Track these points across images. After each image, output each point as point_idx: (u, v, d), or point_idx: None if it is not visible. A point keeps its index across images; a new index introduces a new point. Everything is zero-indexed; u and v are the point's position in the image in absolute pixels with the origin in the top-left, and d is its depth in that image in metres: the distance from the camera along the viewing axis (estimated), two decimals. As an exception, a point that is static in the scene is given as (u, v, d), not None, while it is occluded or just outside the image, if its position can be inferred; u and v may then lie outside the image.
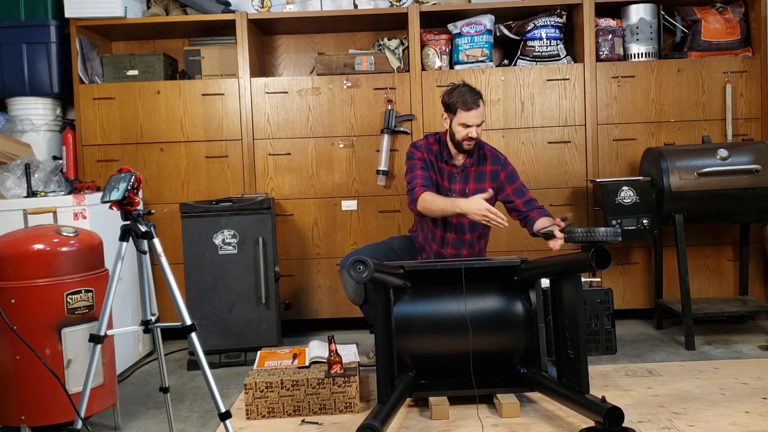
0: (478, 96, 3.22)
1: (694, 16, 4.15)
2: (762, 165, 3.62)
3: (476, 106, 3.19)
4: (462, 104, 3.19)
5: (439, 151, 3.35)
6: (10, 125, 3.96)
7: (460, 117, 3.20)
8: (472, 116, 3.18)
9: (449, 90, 3.29)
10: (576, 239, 2.51)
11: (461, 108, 3.19)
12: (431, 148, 3.36)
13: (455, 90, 3.25)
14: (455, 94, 3.23)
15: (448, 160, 3.33)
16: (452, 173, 3.33)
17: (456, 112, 3.21)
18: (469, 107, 3.18)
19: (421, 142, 3.40)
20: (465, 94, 3.20)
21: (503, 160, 3.38)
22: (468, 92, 3.21)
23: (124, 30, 4.20)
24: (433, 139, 3.39)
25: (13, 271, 2.54)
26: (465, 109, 3.18)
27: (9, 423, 2.58)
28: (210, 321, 3.56)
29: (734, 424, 2.56)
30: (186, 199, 4.02)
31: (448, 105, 3.25)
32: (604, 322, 3.46)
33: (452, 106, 3.22)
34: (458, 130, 3.22)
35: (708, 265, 4.12)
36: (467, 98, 3.18)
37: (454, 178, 3.33)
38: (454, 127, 3.24)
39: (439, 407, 2.72)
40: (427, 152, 3.35)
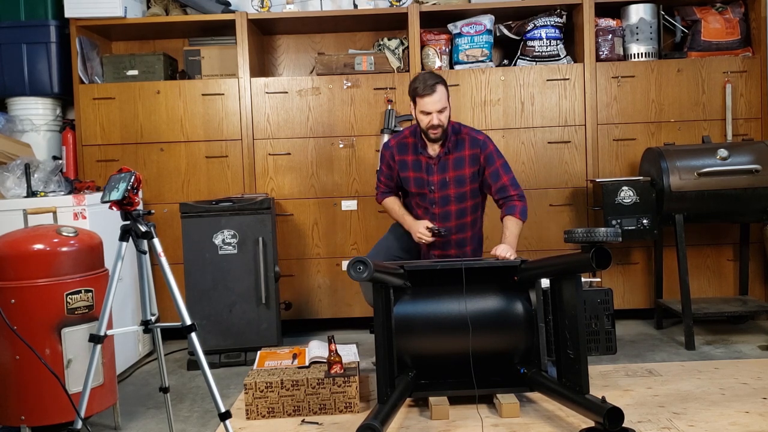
0: (435, 81, 3.10)
1: (694, 16, 4.15)
2: (762, 165, 3.62)
3: (431, 92, 3.07)
4: (418, 91, 3.09)
5: (414, 144, 3.28)
6: (10, 125, 3.96)
7: (419, 105, 3.12)
8: (429, 102, 3.08)
9: (412, 79, 3.23)
10: (576, 239, 2.51)
11: (417, 95, 3.10)
12: (405, 142, 3.30)
13: (415, 78, 3.18)
14: (414, 82, 3.15)
15: (423, 152, 3.25)
16: (429, 164, 3.25)
17: (415, 101, 3.13)
18: (424, 93, 3.08)
19: (392, 142, 3.35)
20: (421, 81, 3.11)
21: (482, 141, 3.24)
22: (426, 78, 3.12)
23: (124, 30, 4.20)
24: (408, 132, 3.33)
25: (13, 271, 2.54)
26: (420, 96, 3.09)
27: (9, 423, 2.58)
28: (210, 321, 3.56)
29: (734, 424, 2.56)
30: (186, 199, 4.02)
31: (410, 95, 3.18)
32: (604, 322, 3.46)
33: (411, 94, 3.15)
34: (421, 118, 3.14)
35: (708, 265, 4.12)
36: (423, 84, 3.08)
37: (431, 169, 3.25)
38: (418, 117, 3.16)
39: (439, 407, 2.72)
40: (399, 151, 3.30)
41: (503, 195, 3.22)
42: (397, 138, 3.37)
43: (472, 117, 4.05)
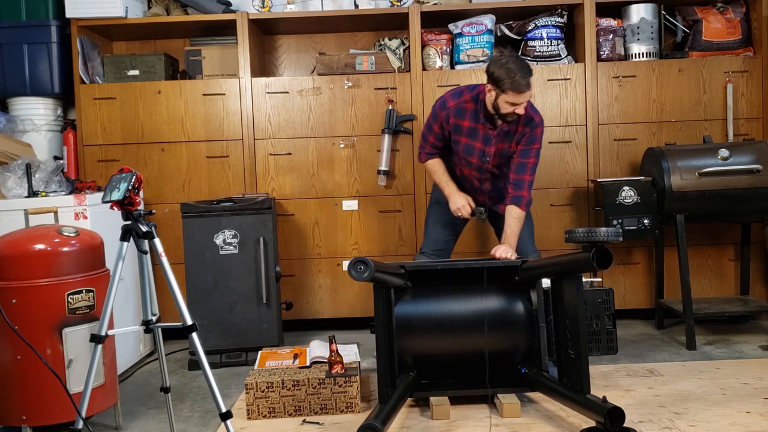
0: (529, 75, 2.98)
1: (695, 16, 4.14)
2: (763, 165, 3.61)
3: (528, 89, 2.97)
4: (512, 86, 2.95)
5: (474, 111, 3.16)
6: (11, 125, 3.96)
7: (508, 96, 2.98)
8: (522, 97, 2.98)
9: (497, 61, 3.02)
10: (577, 239, 2.51)
11: (510, 89, 2.96)
12: (464, 107, 3.18)
13: (504, 65, 2.97)
14: (504, 70, 2.96)
15: (485, 122, 3.15)
16: (488, 135, 3.17)
17: (504, 91, 2.98)
18: (520, 90, 2.96)
19: (451, 103, 3.20)
20: (516, 74, 2.94)
21: (536, 123, 3.16)
22: (518, 71, 2.95)
23: (125, 30, 4.20)
24: (470, 96, 3.18)
25: (14, 271, 2.54)
26: (514, 91, 2.96)
27: (10, 423, 2.58)
28: (211, 321, 3.56)
29: (735, 424, 2.56)
30: (187, 199, 4.02)
31: (495, 79, 2.99)
32: (605, 322, 3.46)
33: (500, 84, 2.98)
34: (504, 106, 3.02)
35: (709, 265, 4.11)
36: (518, 79, 2.94)
37: (490, 140, 3.18)
38: (500, 103, 3.03)
39: (440, 407, 2.72)
40: (456, 114, 3.18)
41: (517, 189, 3.19)
42: (456, 99, 3.21)
43: (473, 117, 4.05)
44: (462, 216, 3.27)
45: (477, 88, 3.20)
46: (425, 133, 3.39)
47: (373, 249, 4.09)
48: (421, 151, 3.43)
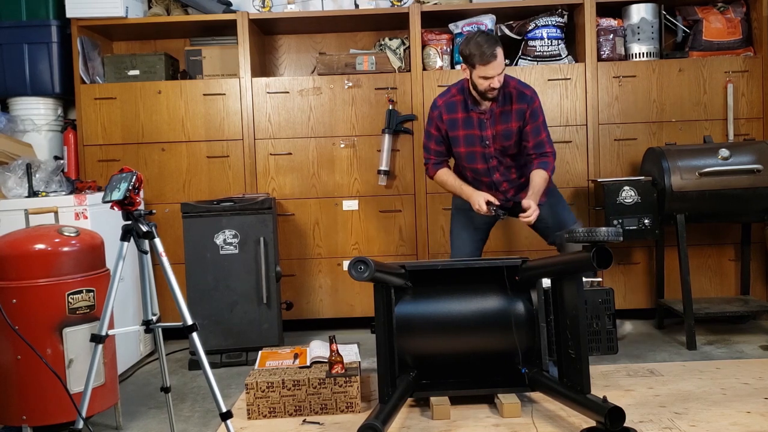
0: (494, 45, 3.06)
1: (695, 16, 4.14)
2: (763, 165, 3.61)
3: (494, 59, 3.05)
4: (479, 58, 3.05)
5: (463, 101, 3.25)
6: (12, 125, 3.96)
7: (479, 70, 3.08)
8: (491, 68, 3.06)
9: (465, 39, 3.16)
10: (577, 239, 2.51)
11: (478, 62, 3.06)
12: (453, 101, 3.26)
13: (471, 40, 3.11)
14: (471, 45, 3.08)
15: (474, 108, 3.23)
16: (482, 120, 3.23)
17: (474, 66, 3.09)
18: (487, 60, 3.05)
19: (440, 102, 3.29)
20: (481, 46, 3.05)
21: (530, 97, 3.23)
22: (484, 42, 3.06)
23: (125, 30, 4.20)
24: (456, 90, 3.28)
25: (14, 270, 2.54)
26: (482, 63, 3.05)
27: (10, 423, 2.58)
28: (211, 321, 3.56)
29: (735, 424, 2.56)
30: (187, 198, 4.02)
31: (465, 57, 3.12)
32: (605, 322, 3.45)
33: (469, 59, 3.10)
34: (479, 82, 3.12)
35: (709, 265, 4.11)
36: (484, 50, 3.04)
37: (484, 124, 3.24)
38: (475, 79, 3.13)
39: (441, 407, 2.72)
40: (447, 110, 3.26)
41: (540, 150, 3.23)
42: (444, 97, 3.30)
43: (474, 117, 4.05)
44: (484, 212, 3.22)
45: (461, 81, 3.28)
46: (426, 143, 3.41)
47: (373, 249, 4.09)
48: (427, 164, 3.43)
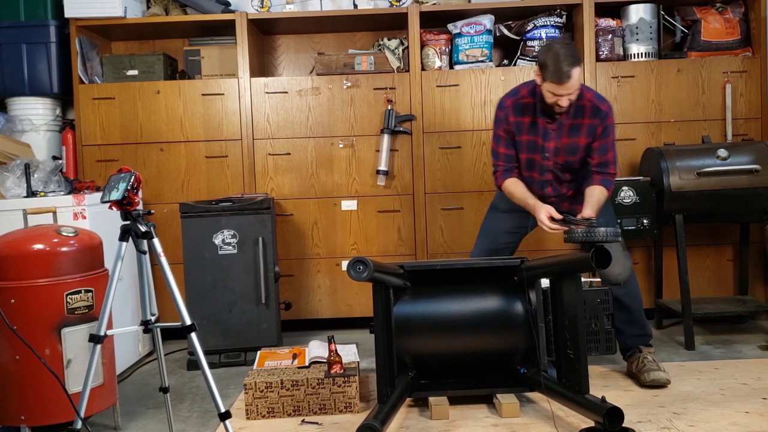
0: (573, 65, 2.81)
1: (693, 16, 4.15)
2: (762, 165, 3.62)
3: (567, 79, 2.81)
4: (552, 74, 2.82)
5: (533, 105, 3.03)
6: (10, 125, 3.96)
7: (549, 85, 2.86)
8: (563, 88, 2.84)
9: (547, 46, 2.96)
10: (576, 239, 2.51)
11: (550, 77, 2.83)
12: (522, 103, 3.05)
13: (551, 50, 2.85)
14: (549, 56, 2.84)
15: (541, 115, 3.01)
16: (547, 129, 3.02)
17: (546, 79, 2.87)
18: (560, 79, 2.82)
19: (508, 102, 3.07)
20: (559, 61, 2.80)
21: (605, 113, 3.00)
22: (563, 58, 2.80)
23: (123, 30, 4.20)
24: (526, 91, 3.06)
25: (12, 271, 2.54)
26: (555, 80, 2.83)
27: (9, 423, 2.58)
28: (210, 321, 3.56)
29: (734, 424, 2.56)
30: (186, 199, 4.02)
31: (540, 65, 2.89)
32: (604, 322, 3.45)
33: (543, 69, 2.87)
34: (548, 95, 2.90)
35: (708, 265, 4.11)
36: (560, 66, 2.79)
37: (549, 135, 3.03)
38: (544, 91, 2.91)
39: (439, 407, 2.72)
40: (515, 112, 3.05)
41: (603, 169, 3.04)
42: (513, 97, 3.09)
43: (472, 117, 4.05)
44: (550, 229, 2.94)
45: (532, 83, 3.06)
46: (494, 147, 3.17)
47: (372, 249, 4.09)
48: (496, 172, 3.17)
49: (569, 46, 2.91)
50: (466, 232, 4.08)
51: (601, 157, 3.03)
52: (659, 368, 2.98)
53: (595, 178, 3.04)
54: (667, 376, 2.95)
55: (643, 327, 3.16)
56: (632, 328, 3.14)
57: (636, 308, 3.15)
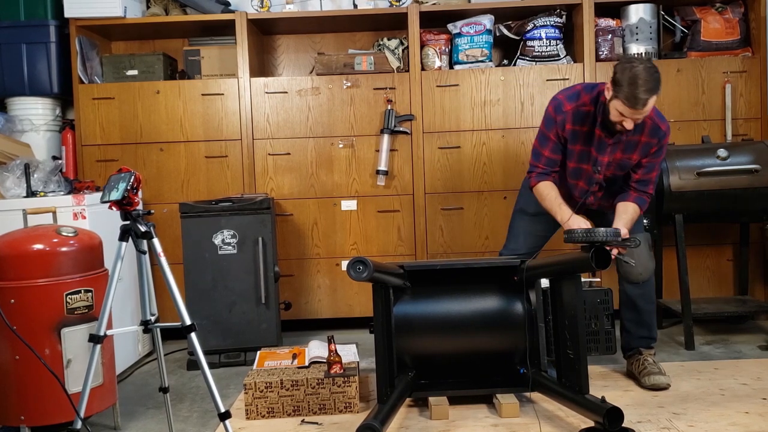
0: (651, 92, 2.63)
1: (693, 16, 4.15)
2: (761, 165, 3.61)
3: (641, 107, 2.65)
4: (626, 98, 2.64)
5: (593, 114, 2.86)
6: (10, 125, 3.96)
7: (619, 105, 2.68)
8: (634, 113, 2.68)
9: (627, 61, 2.69)
10: (576, 239, 2.51)
11: (623, 99, 2.65)
12: (583, 111, 2.87)
13: (631, 70, 2.64)
14: (627, 76, 2.63)
15: (602, 129, 2.85)
16: (603, 142, 2.87)
17: (618, 97, 2.68)
18: (633, 106, 2.65)
19: (568, 107, 2.89)
20: (636, 85, 2.61)
21: (663, 132, 2.88)
22: (642, 83, 2.61)
23: (123, 30, 4.20)
24: (588, 98, 2.88)
25: (12, 271, 2.54)
26: (627, 104, 2.66)
27: (9, 423, 2.58)
28: (210, 321, 3.56)
29: (734, 424, 2.56)
30: (185, 199, 4.02)
31: (615, 80, 2.69)
32: (603, 323, 3.45)
33: (617, 87, 2.68)
34: (613, 112, 2.73)
35: (708, 265, 4.11)
36: (636, 93, 2.61)
37: (604, 148, 2.89)
38: (611, 107, 2.74)
39: (439, 407, 2.72)
40: (574, 120, 2.88)
41: (642, 187, 2.95)
42: (573, 102, 2.90)
43: (472, 117, 4.05)
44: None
45: (596, 88, 2.90)
46: (537, 148, 3.01)
47: (371, 249, 4.09)
48: (532, 172, 3.04)
49: (651, 70, 2.65)
50: (466, 232, 4.08)
51: (645, 175, 2.95)
52: (660, 371, 2.97)
53: (631, 194, 2.97)
54: (667, 380, 2.94)
55: (650, 329, 3.15)
56: (639, 329, 3.14)
57: (648, 310, 3.13)
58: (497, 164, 4.06)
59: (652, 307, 3.15)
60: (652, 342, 3.14)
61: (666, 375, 2.96)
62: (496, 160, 4.06)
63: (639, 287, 3.08)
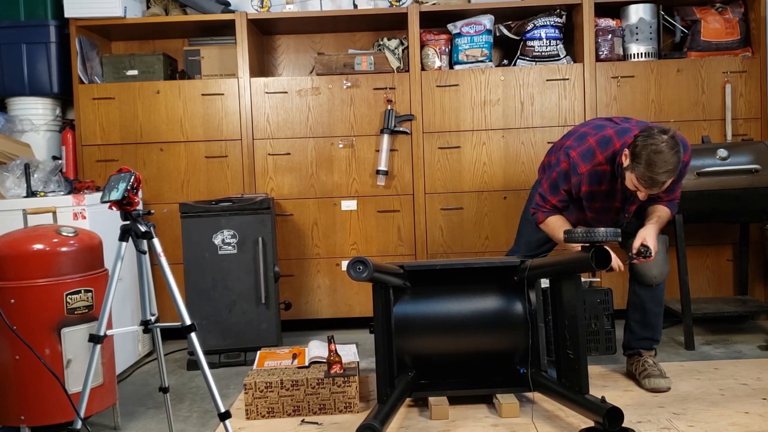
0: (670, 174, 2.58)
1: (693, 16, 4.15)
2: (761, 165, 3.61)
3: (657, 187, 2.63)
4: (643, 174, 2.60)
5: (611, 173, 2.83)
6: (10, 125, 3.96)
7: (635, 179, 2.65)
8: (648, 189, 2.66)
9: (650, 137, 2.58)
10: (576, 239, 2.51)
11: (641, 176, 2.61)
12: (599, 170, 2.83)
13: (651, 146, 2.56)
14: (646, 153, 2.56)
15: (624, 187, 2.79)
16: (628, 194, 2.83)
17: (634, 170, 2.63)
18: (648, 185, 2.62)
19: (583, 168, 2.82)
20: (655, 164, 2.55)
21: (685, 163, 2.80)
22: (660, 164, 2.55)
23: (123, 30, 4.20)
24: (603, 158, 2.81)
25: (12, 271, 2.54)
26: (642, 182, 2.63)
27: (9, 423, 2.58)
28: (210, 321, 3.56)
29: (734, 424, 2.56)
30: (185, 199, 4.02)
31: (634, 153, 2.61)
32: (603, 323, 3.45)
33: (635, 160, 2.61)
34: (629, 182, 2.70)
35: (708, 265, 4.12)
36: (654, 173, 2.57)
37: (631, 199, 2.87)
38: (627, 175, 2.69)
39: (439, 407, 2.72)
40: (590, 181, 2.84)
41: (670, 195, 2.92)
42: (588, 163, 2.83)
43: (472, 117, 4.05)
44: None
45: (611, 146, 2.80)
46: (546, 194, 2.97)
47: (371, 249, 4.09)
48: (537, 210, 3.02)
49: (673, 150, 2.56)
50: (466, 232, 4.08)
51: (671, 194, 2.93)
52: (660, 373, 2.96)
53: (662, 200, 2.95)
54: (667, 383, 2.94)
55: (654, 331, 3.13)
56: (644, 330, 3.13)
57: (656, 312, 3.12)
58: (497, 164, 4.07)
59: (659, 309, 3.14)
60: (654, 344, 3.14)
61: (666, 377, 2.96)
62: (496, 160, 4.07)
63: (650, 289, 3.07)
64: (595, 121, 3.15)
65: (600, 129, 2.93)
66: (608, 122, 3.03)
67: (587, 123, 3.16)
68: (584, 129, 3.00)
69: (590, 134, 2.91)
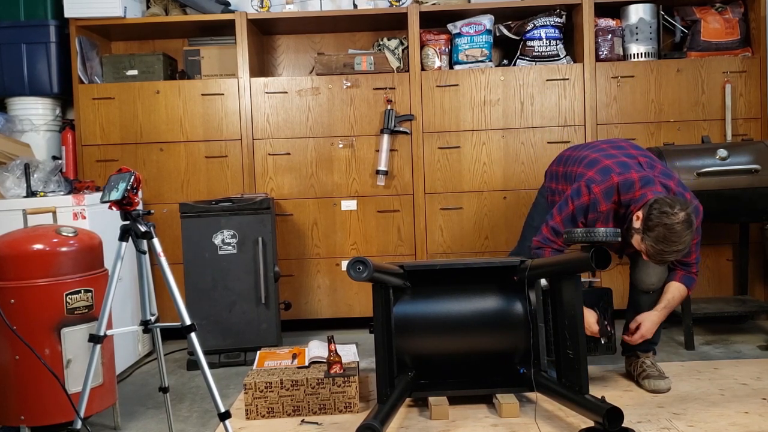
0: (678, 254, 2.64)
1: (693, 16, 4.15)
2: (761, 165, 3.61)
3: (662, 265, 2.79)
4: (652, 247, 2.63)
5: (622, 215, 2.86)
6: (10, 125, 3.96)
7: (643, 248, 2.69)
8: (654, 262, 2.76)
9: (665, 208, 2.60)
10: (576, 239, 2.51)
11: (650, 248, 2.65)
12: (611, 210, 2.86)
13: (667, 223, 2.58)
14: (659, 230, 2.59)
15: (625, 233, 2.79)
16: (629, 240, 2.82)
17: (644, 240, 2.66)
18: (656, 260, 2.70)
19: (604, 207, 2.82)
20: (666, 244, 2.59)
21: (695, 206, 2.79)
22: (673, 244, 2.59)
23: (123, 30, 4.20)
24: (620, 199, 2.84)
25: (12, 271, 2.54)
26: (651, 255, 2.68)
27: (8, 423, 2.58)
28: (209, 321, 3.56)
29: (734, 424, 2.56)
30: (185, 199, 4.02)
31: (647, 223, 2.63)
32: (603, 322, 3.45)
33: (647, 229, 2.63)
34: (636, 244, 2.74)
35: (707, 265, 4.11)
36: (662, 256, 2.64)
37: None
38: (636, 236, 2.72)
39: (439, 407, 2.72)
40: (606, 220, 2.86)
41: (685, 267, 2.95)
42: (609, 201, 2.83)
43: (472, 117, 4.06)
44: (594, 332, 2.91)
45: (631, 192, 2.79)
46: (559, 227, 2.91)
47: (371, 249, 4.09)
48: (546, 246, 2.96)
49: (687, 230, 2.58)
50: (466, 232, 4.08)
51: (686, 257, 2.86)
52: (659, 374, 2.96)
53: (677, 273, 2.95)
54: (667, 384, 2.93)
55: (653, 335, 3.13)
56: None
57: None
58: (497, 164, 4.07)
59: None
60: (652, 347, 3.14)
61: (666, 377, 2.95)
62: (496, 160, 4.07)
63: (648, 295, 3.05)
64: (617, 151, 3.01)
65: (625, 169, 2.85)
66: (633, 161, 2.92)
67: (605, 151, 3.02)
68: (607, 162, 2.91)
69: (614, 171, 2.85)
